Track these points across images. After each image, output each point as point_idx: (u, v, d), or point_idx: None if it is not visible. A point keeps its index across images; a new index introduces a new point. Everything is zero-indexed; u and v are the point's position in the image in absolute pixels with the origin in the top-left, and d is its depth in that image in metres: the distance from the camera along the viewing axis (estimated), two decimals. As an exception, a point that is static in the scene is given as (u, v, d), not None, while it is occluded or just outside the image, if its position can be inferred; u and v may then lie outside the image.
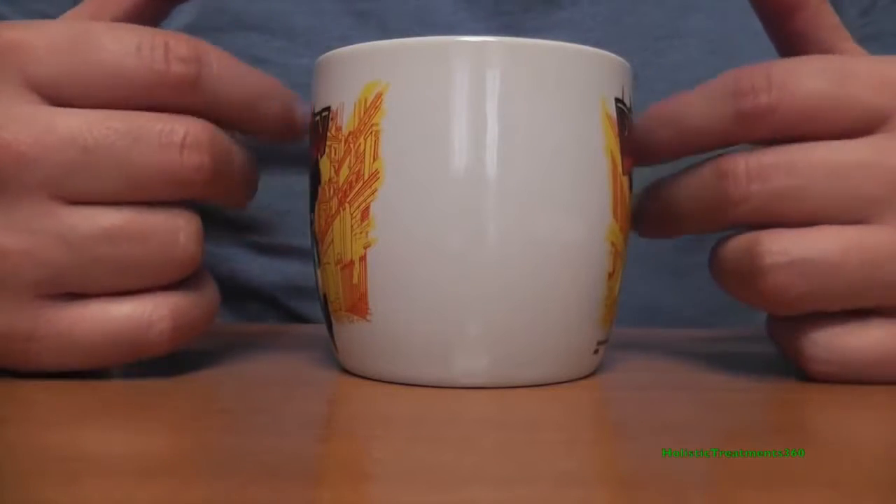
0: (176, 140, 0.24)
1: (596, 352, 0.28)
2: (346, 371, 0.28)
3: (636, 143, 0.29)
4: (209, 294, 0.27)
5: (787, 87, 0.26)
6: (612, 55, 0.27)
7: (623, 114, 0.27)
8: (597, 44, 0.26)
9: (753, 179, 0.26)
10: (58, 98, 0.24)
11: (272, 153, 0.32)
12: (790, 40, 0.29)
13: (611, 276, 0.27)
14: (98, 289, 0.25)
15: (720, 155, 0.27)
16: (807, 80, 0.26)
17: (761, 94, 0.26)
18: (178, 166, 0.24)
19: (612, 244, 0.27)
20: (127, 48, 0.24)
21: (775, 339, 0.28)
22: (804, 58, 0.27)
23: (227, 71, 0.26)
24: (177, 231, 0.25)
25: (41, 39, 0.24)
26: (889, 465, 0.19)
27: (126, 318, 0.25)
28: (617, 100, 0.26)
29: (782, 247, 0.25)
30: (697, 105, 0.28)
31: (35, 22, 0.25)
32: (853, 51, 0.29)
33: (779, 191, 0.25)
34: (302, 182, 0.29)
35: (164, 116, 0.25)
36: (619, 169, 0.27)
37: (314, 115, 0.27)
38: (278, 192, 0.30)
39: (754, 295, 0.26)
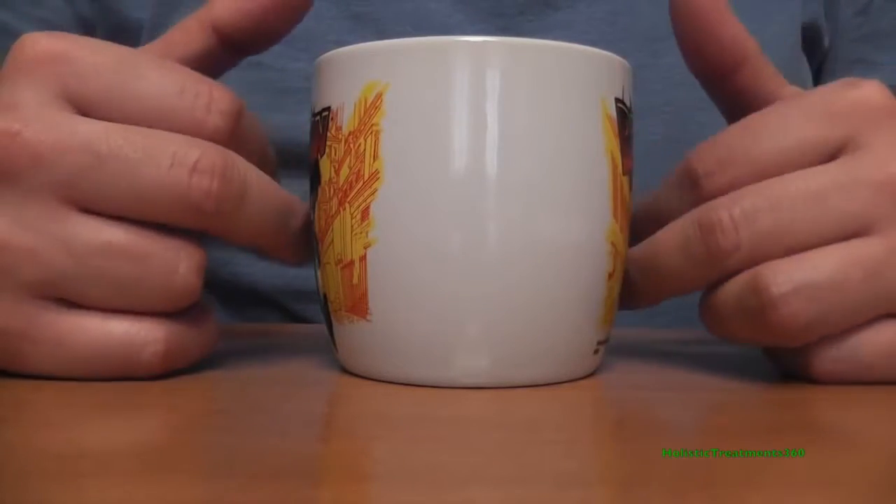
0: (188, 162, 0.24)
1: (596, 352, 0.28)
2: (346, 371, 0.28)
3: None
4: (207, 329, 0.27)
5: (737, 160, 0.26)
6: (613, 55, 0.27)
7: (623, 114, 0.27)
8: (593, 45, 0.26)
9: (740, 225, 0.25)
10: (92, 115, 0.25)
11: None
12: (732, 96, 0.30)
13: (611, 276, 0.27)
14: (94, 301, 0.25)
15: (696, 211, 0.27)
16: (754, 144, 0.26)
17: (716, 175, 0.27)
18: (186, 188, 0.24)
19: (613, 244, 0.27)
20: (170, 87, 0.25)
21: (772, 354, 0.28)
22: (745, 122, 0.27)
23: (255, 132, 0.27)
24: (177, 260, 0.25)
25: (89, 57, 0.25)
26: (889, 465, 0.19)
27: (120, 336, 0.25)
28: (617, 100, 0.26)
29: (785, 275, 0.25)
30: (665, 198, 0.29)
31: (90, 39, 0.25)
32: (793, 93, 0.29)
33: (769, 230, 0.25)
34: (302, 184, 0.29)
35: (183, 139, 0.25)
36: (620, 169, 0.27)
37: (314, 115, 0.27)
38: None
39: (764, 330, 0.25)
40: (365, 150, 0.25)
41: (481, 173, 0.25)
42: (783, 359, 0.28)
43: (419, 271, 0.25)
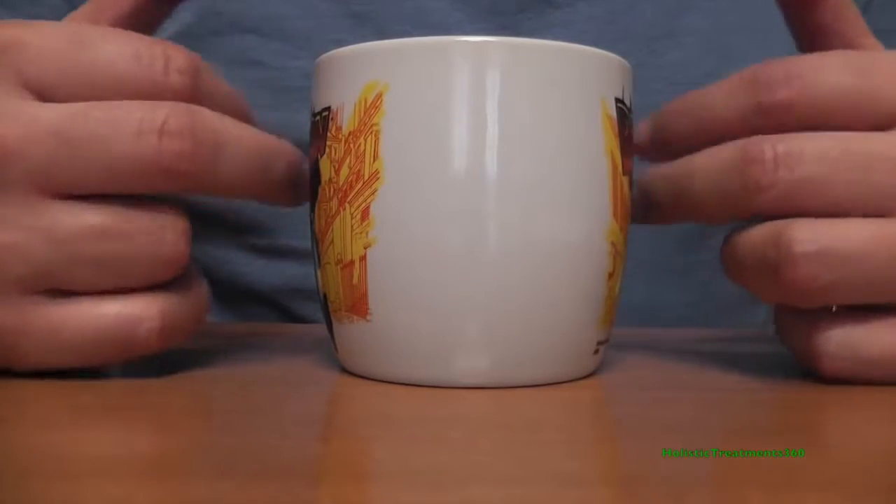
0: (155, 126, 0.24)
1: (596, 352, 0.28)
2: (346, 371, 0.28)
3: (653, 138, 0.28)
4: (199, 293, 0.27)
5: (807, 81, 0.26)
6: (613, 55, 0.27)
7: (623, 114, 0.27)
8: (593, 44, 0.26)
9: (781, 166, 0.25)
10: (51, 98, 0.24)
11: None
12: (811, 33, 0.29)
13: (611, 276, 0.27)
14: (85, 286, 0.25)
15: (745, 139, 0.26)
16: (828, 74, 0.26)
17: (780, 88, 0.26)
18: (157, 153, 0.24)
19: (612, 244, 0.27)
20: (125, 55, 0.25)
21: (784, 338, 0.28)
22: (825, 53, 0.27)
23: (217, 86, 0.27)
24: (163, 229, 0.25)
25: (39, 39, 0.24)
26: (889, 466, 0.19)
27: (115, 317, 0.25)
28: (617, 100, 0.26)
29: (812, 235, 0.24)
30: (718, 97, 0.27)
31: (34, 22, 0.25)
32: (873, 45, 0.29)
33: (806, 179, 0.25)
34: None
35: (146, 104, 0.24)
36: (620, 169, 0.27)
37: (314, 115, 0.27)
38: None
39: (777, 285, 0.25)
40: (365, 150, 0.25)
41: (481, 173, 0.25)
42: (792, 346, 0.27)
43: (419, 271, 0.25)
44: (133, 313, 0.25)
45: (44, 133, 0.24)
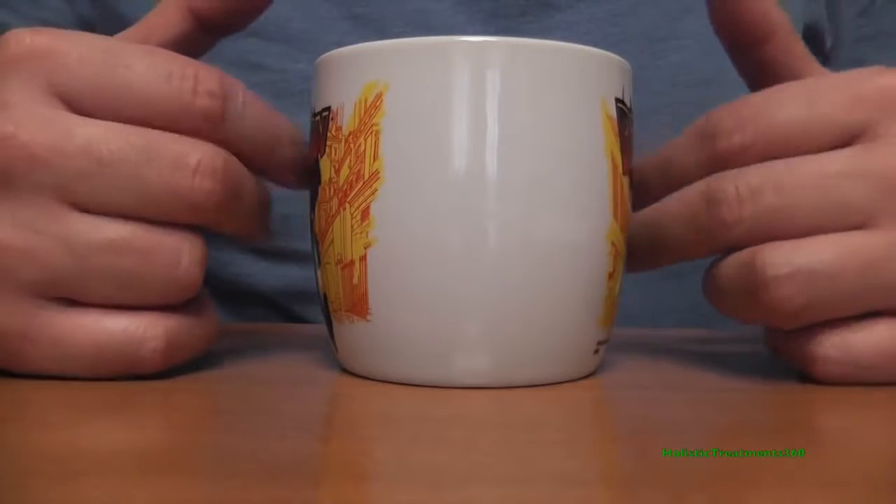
0: (190, 163, 0.24)
1: (596, 352, 0.28)
2: (346, 371, 0.28)
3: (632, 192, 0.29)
4: (207, 320, 0.27)
5: (758, 123, 0.26)
6: (613, 55, 0.27)
7: (623, 114, 0.27)
8: (594, 46, 0.26)
9: (745, 201, 0.26)
10: (80, 109, 0.24)
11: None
12: (759, 70, 0.30)
13: (611, 276, 0.27)
14: (96, 298, 0.25)
15: (706, 180, 0.27)
16: (776, 112, 0.26)
17: (733, 134, 0.27)
18: (189, 190, 0.24)
19: (613, 244, 0.27)
20: (158, 74, 0.25)
21: (776, 348, 0.28)
22: (771, 91, 0.27)
23: (251, 111, 0.27)
24: (180, 253, 0.25)
25: (74, 49, 0.24)
26: (889, 465, 0.19)
27: (120, 332, 0.25)
28: (617, 100, 0.26)
29: (783, 258, 0.25)
30: (677, 153, 0.29)
31: (73, 32, 0.25)
32: (819, 72, 0.29)
33: (771, 210, 0.25)
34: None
35: (182, 139, 0.25)
36: (620, 169, 0.27)
37: (314, 115, 0.27)
38: (278, 195, 0.30)
39: (757, 310, 0.26)
40: (365, 150, 0.25)
41: (481, 173, 0.25)
42: (785, 354, 0.28)
43: (419, 271, 0.25)
44: (138, 331, 0.25)
45: (76, 149, 0.24)
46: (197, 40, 0.29)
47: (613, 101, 0.26)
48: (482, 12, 0.43)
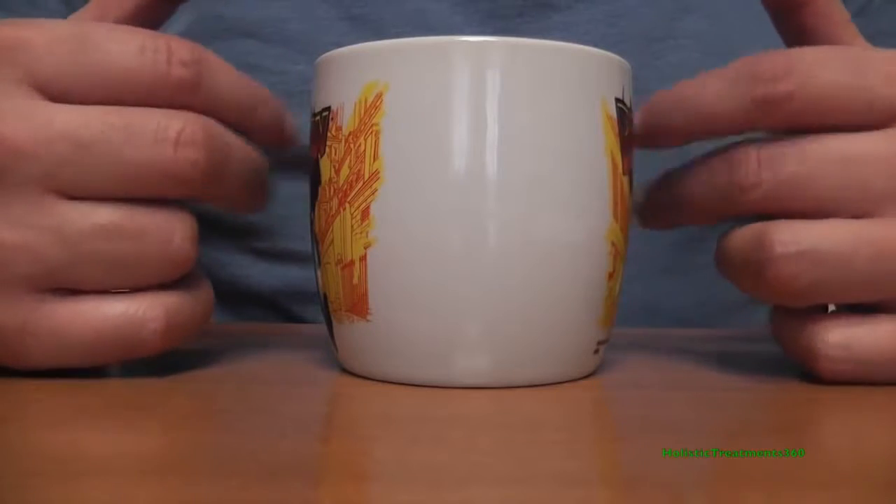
0: (171, 136, 0.24)
1: (596, 352, 0.28)
2: (346, 371, 0.28)
3: (646, 126, 0.29)
4: (203, 295, 0.27)
5: (806, 75, 0.26)
6: (613, 55, 0.27)
7: (623, 114, 0.27)
8: (593, 46, 0.26)
9: (764, 167, 0.26)
10: (59, 96, 0.24)
11: (270, 158, 0.32)
12: (799, 35, 0.29)
13: (611, 276, 0.27)
14: (92, 285, 0.25)
15: (731, 144, 0.27)
16: (826, 70, 0.26)
17: (780, 81, 0.26)
18: (172, 162, 0.24)
19: (612, 244, 0.27)
20: (129, 49, 0.25)
21: (781, 340, 0.28)
22: (823, 48, 0.27)
23: (225, 76, 0.27)
24: (172, 230, 0.25)
25: (44, 37, 0.24)
26: (889, 466, 0.19)
27: (119, 316, 0.25)
28: (617, 100, 0.26)
29: (792, 236, 0.25)
30: (714, 89, 0.27)
31: (39, 20, 0.25)
32: (863, 46, 0.29)
33: (789, 179, 0.25)
34: (301, 186, 0.29)
35: (161, 112, 0.25)
36: (620, 169, 0.27)
37: (314, 115, 0.27)
38: (277, 196, 0.30)
39: (762, 285, 0.26)
40: (365, 150, 0.25)
41: (481, 173, 0.25)
42: (789, 349, 0.28)
43: (419, 271, 0.25)
44: (138, 314, 0.25)
45: (58, 136, 0.24)
46: (153, 9, 0.29)
47: (613, 101, 0.26)
48: (480, 13, 0.43)
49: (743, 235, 0.27)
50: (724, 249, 0.28)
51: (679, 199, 0.29)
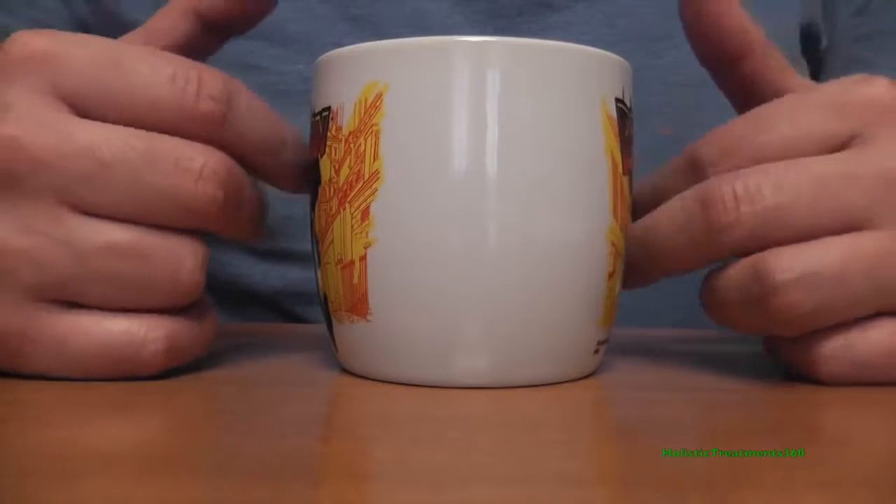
0: (193, 168, 0.24)
1: (596, 352, 0.28)
2: (346, 371, 0.28)
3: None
4: (208, 322, 0.27)
5: (741, 149, 0.26)
6: (613, 55, 0.27)
7: (623, 114, 0.27)
8: (592, 46, 0.26)
9: (742, 202, 0.25)
10: (84, 112, 0.24)
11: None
12: (740, 86, 0.30)
13: (611, 276, 0.27)
14: (97, 301, 0.25)
15: (700, 185, 0.26)
16: (759, 134, 0.26)
17: (719, 165, 0.27)
18: (191, 195, 0.24)
19: (613, 244, 0.27)
20: (161, 77, 0.25)
21: (776, 353, 0.28)
22: (752, 113, 0.27)
23: (253, 113, 0.27)
24: (182, 257, 0.25)
25: (78, 52, 0.24)
26: (889, 465, 0.19)
27: (121, 335, 0.25)
28: (617, 100, 0.26)
29: (789, 263, 0.25)
30: (668, 182, 0.28)
31: (75, 35, 0.25)
32: (802, 85, 0.29)
33: (769, 210, 0.25)
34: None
35: (185, 143, 0.25)
36: (620, 169, 0.27)
37: (314, 115, 0.27)
38: (278, 196, 0.30)
39: (764, 318, 0.25)
40: (365, 150, 0.25)
41: (481, 173, 0.25)
42: (785, 357, 0.28)
43: (419, 271, 0.25)
44: (139, 333, 0.25)
45: (79, 151, 0.24)
46: (201, 43, 0.29)
47: (613, 101, 0.26)
48: (480, 13, 0.43)
49: (734, 273, 0.26)
50: (713, 292, 0.27)
51: (653, 255, 0.28)
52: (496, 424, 0.22)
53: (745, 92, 0.30)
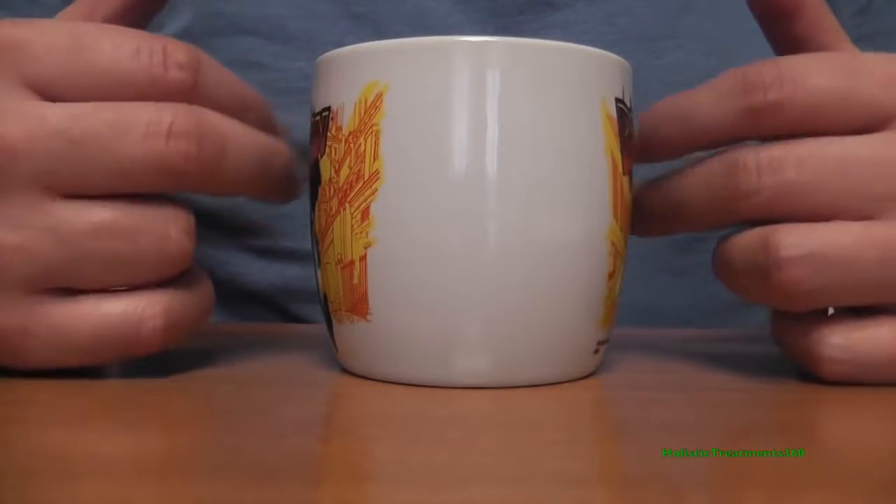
0: (162, 129, 0.24)
1: (596, 352, 0.28)
2: (346, 371, 0.28)
3: (640, 140, 0.28)
4: (203, 292, 0.27)
5: (796, 82, 0.26)
6: (613, 55, 0.27)
7: (623, 114, 0.27)
8: (593, 45, 0.26)
9: (764, 172, 0.25)
10: (53, 96, 0.24)
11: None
12: (789, 44, 0.29)
13: (611, 276, 0.27)
14: (90, 284, 0.25)
15: (729, 149, 0.27)
16: (816, 76, 0.26)
17: (771, 89, 0.26)
18: (164, 155, 0.24)
19: (613, 244, 0.27)
20: (125, 51, 0.25)
21: (781, 342, 0.28)
22: (813, 55, 0.27)
23: (219, 78, 0.27)
24: (167, 226, 0.25)
25: (40, 38, 0.24)
26: (889, 466, 0.19)
27: (118, 315, 0.25)
28: (617, 100, 0.26)
29: (798, 240, 0.25)
30: (706, 101, 0.28)
31: (34, 21, 0.25)
32: (854, 51, 0.29)
33: (790, 184, 0.25)
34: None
35: (153, 105, 0.24)
36: (620, 169, 0.27)
37: (314, 115, 0.27)
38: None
39: (767, 290, 0.26)
40: (365, 150, 0.25)
41: (481, 173, 0.25)
42: (790, 350, 0.28)
43: (419, 271, 0.25)
44: (137, 311, 0.25)
45: (50, 133, 0.24)
46: (140, 8, 0.28)
47: (613, 101, 0.26)
48: (480, 11, 0.43)
49: (745, 240, 0.26)
50: (724, 255, 0.28)
51: (675, 206, 0.29)
52: (496, 424, 0.22)
53: (795, 50, 0.29)
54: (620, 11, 0.44)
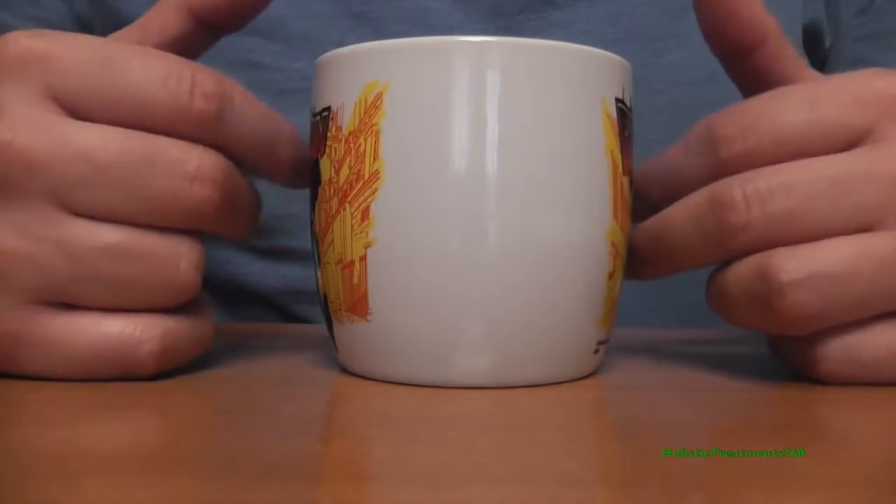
0: (188, 170, 0.24)
1: (596, 352, 0.28)
2: (346, 371, 0.28)
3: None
4: (204, 323, 0.27)
5: (760, 129, 0.26)
6: (613, 55, 0.27)
7: (623, 114, 0.27)
8: (594, 45, 0.26)
9: (753, 205, 0.25)
10: (78, 112, 0.24)
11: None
12: (751, 77, 0.29)
13: (611, 275, 0.27)
14: (93, 302, 0.25)
15: (713, 184, 0.26)
16: (782, 115, 0.26)
17: (736, 142, 0.26)
18: (187, 197, 0.24)
19: (613, 244, 0.27)
20: (154, 76, 0.24)
21: (779, 352, 0.28)
22: (776, 92, 0.27)
23: (248, 112, 0.26)
24: (178, 258, 0.25)
25: (71, 53, 0.24)
26: (889, 466, 0.19)
27: (116, 335, 0.25)
28: (617, 100, 0.26)
29: (796, 263, 0.25)
30: (679, 160, 0.28)
31: (68, 35, 0.25)
32: (814, 77, 0.29)
33: (780, 213, 0.25)
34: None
35: (181, 144, 0.25)
36: (620, 169, 0.27)
37: (314, 115, 0.27)
38: (277, 195, 0.30)
39: (770, 318, 0.25)
40: (365, 150, 0.25)
41: (481, 173, 0.25)
42: (787, 356, 0.28)
43: (419, 271, 0.25)
44: (134, 334, 0.25)
45: (73, 154, 0.24)
46: (195, 40, 0.28)
47: (613, 101, 0.26)
48: (481, 10, 0.43)
49: (741, 271, 0.26)
50: (719, 287, 0.27)
51: (666, 249, 0.28)
52: (496, 424, 0.22)
53: (757, 82, 0.29)
54: (622, 11, 0.44)
